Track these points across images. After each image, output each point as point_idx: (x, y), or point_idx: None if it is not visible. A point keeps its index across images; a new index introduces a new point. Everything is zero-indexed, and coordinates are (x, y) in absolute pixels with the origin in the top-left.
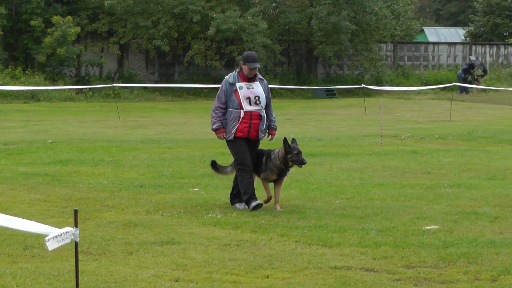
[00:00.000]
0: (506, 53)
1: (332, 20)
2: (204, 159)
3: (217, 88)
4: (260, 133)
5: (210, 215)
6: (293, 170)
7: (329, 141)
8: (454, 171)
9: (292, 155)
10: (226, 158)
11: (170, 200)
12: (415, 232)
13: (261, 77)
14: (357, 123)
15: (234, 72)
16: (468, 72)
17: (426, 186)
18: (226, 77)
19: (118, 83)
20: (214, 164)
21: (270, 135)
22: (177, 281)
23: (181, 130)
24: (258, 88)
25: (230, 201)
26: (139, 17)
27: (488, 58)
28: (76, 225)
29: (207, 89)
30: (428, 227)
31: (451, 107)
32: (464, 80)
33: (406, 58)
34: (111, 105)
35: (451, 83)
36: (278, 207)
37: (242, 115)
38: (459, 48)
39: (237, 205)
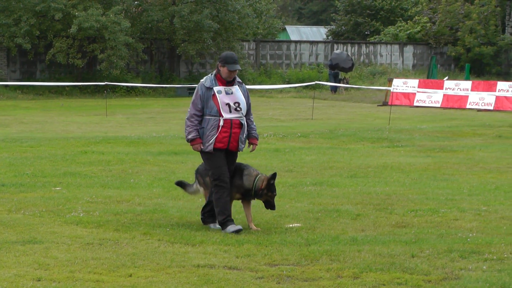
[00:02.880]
0: (367, 51)
1: (194, 19)
2: (66, 157)
3: (79, 87)
4: (240, 143)
5: (72, 214)
6: (157, 168)
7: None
8: (316, 169)
9: (272, 194)
10: (89, 156)
11: (32, 199)
12: (278, 230)
13: (240, 80)
14: None
15: (210, 75)
16: (334, 68)
17: (288, 184)
18: (201, 80)
19: None
20: (180, 184)
21: (252, 145)
22: (39, 280)
23: (43, 129)
24: (237, 93)
25: (202, 218)
26: (0, 14)
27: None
28: None
29: (69, 87)
30: (291, 225)
31: (313, 106)
32: (335, 77)
33: (268, 57)
34: None
35: (313, 81)
36: (253, 227)
37: (221, 123)
38: (321, 46)
39: (211, 225)
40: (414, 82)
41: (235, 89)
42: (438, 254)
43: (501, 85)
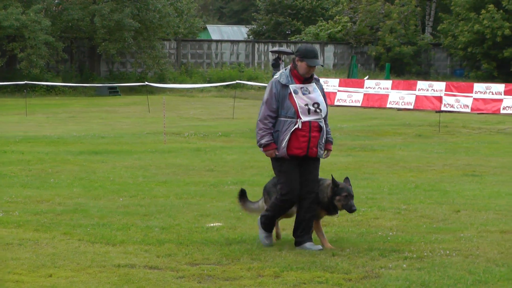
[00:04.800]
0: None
1: (115, 17)
2: None
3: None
4: (319, 149)
5: None
6: (77, 168)
7: (112, 139)
8: (237, 168)
9: (340, 197)
10: (9, 156)
11: None
12: (199, 229)
13: (316, 77)
14: (140, 121)
15: (284, 70)
16: (277, 65)
17: (209, 183)
18: (275, 76)
19: None
20: (242, 196)
21: (326, 151)
22: None
23: None
24: (316, 92)
25: (297, 241)
26: None
27: (270, 56)
28: None
29: None
30: (212, 224)
31: (234, 105)
32: (275, 67)
33: (189, 56)
34: None
35: (234, 80)
36: (328, 245)
37: (299, 125)
38: (242, 46)
39: (307, 245)
40: (335, 82)
41: (313, 87)
42: (359, 253)
43: (421, 84)
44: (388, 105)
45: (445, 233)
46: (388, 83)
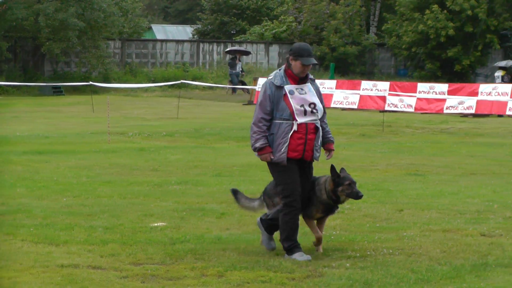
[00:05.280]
0: None
1: (60, 17)
2: None
3: None
4: (315, 151)
5: None
6: (20, 168)
7: (56, 139)
8: (181, 168)
9: (343, 187)
10: None
11: None
12: (143, 229)
13: (312, 77)
14: (84, 121)
15: (278, 71)
16: (234, 65)
17: (153, 183)
18: (269, 77)
19: None
20: (236, 193)
21: (328, 152)
22: None
23: None
24: (311, 92)
25: (288, 249)
26: None
27: (215, 56)
28: None
29: None
30: (156, 224)
31: (178, 105)
32: (237, 76)
33: (134, 56)
34: None
35: (179, 80)
36: (320, 249)
37: (295, 127)
38: (187, 45)
39: (296, 255)
40: None
41: (308, 88)
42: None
43: (365, 84)
44: (332, 105)
45: (388, 232)
46: (332, 83)
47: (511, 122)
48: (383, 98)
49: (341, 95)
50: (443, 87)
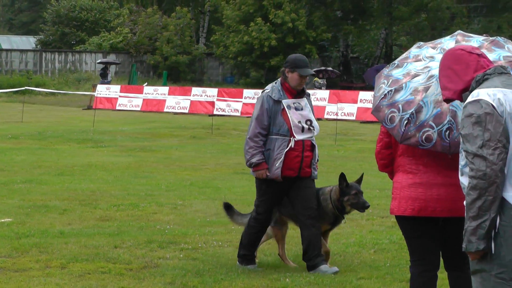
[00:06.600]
0: (73, 59)
1: None
2: None
3: None
4: (313, 169)
5: None
6: None
7: None
8: (26, 168)
9: (349, 197)
10: None
11: None
12: None
13: (308, 92)
14: None
15: (275, 83)
16: (105, 75)
17: (0, 182)
18: (266, 90)
19: None
20: (228, 208)
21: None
22: None
23: None
24: (307, 108)
25: (309, 266)
26: None
27: (57, 65)
28: None
29: None
30: (2, 220)
31: (23, 109)
32: (103, 77)
33: None
34: None
35: (23, 87)
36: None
37: (292, 144)
38: (30, 55)
39: (322, 267)
40: (116, 88)
41: (304, 103)
42: (139, 245)
43: (195, 90)
44: (166, 110)
45: (217, 226)
46: (165, 89)
47: (329, 125)
48: (212, 103)
49: (173, 101)
50: None
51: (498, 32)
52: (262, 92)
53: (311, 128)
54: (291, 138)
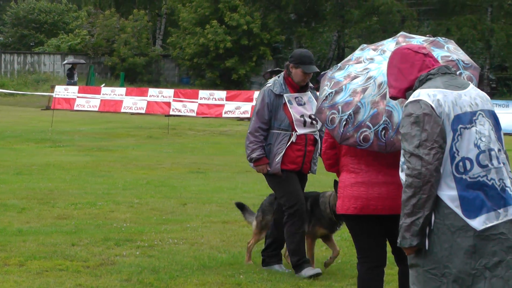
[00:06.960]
0: (32, 61)
1: None
2: None
3: None
4: (313, 164)
5: None
6: None
7: None
8: None
9: None
10: None
11: None
12: None
13: (312, 85)
14: None
15: (277, 78)
16: (72, 75)
17: None
18: (267, 85)
19: None
20: (242, 207)
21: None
22: None
23: None
24: (311, 103)
25: (264, 260)
26: None
27: (16, 66)
28: None
29: None
30: None
31: None
32: (70, 77)
33: None
34: None
35: None
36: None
37: (294, 138)
38: None
39: (276, 266)
40: (74, 89)
41: (308, 97)
42: (96, 243)
43: (152, 91)
44: (123, 110)
45: (173, 224)
46: (122, 90)
47: None
48: (168, 104)
49: (130, 101)
50: (222, 94)
51: (447, 34)
52: (264, 86)
53: (313, 122)
54: (293, 133)
